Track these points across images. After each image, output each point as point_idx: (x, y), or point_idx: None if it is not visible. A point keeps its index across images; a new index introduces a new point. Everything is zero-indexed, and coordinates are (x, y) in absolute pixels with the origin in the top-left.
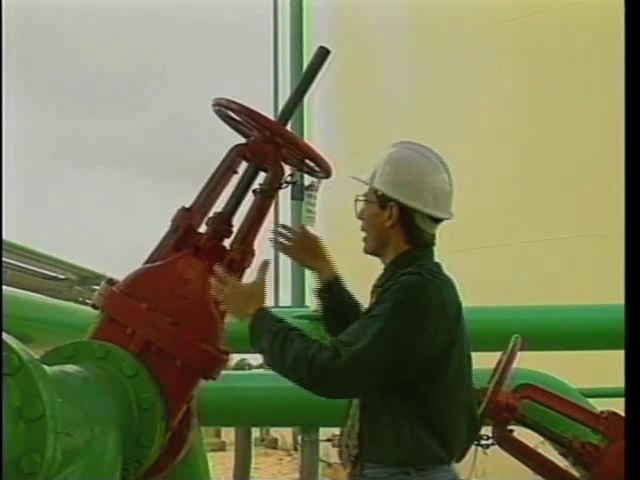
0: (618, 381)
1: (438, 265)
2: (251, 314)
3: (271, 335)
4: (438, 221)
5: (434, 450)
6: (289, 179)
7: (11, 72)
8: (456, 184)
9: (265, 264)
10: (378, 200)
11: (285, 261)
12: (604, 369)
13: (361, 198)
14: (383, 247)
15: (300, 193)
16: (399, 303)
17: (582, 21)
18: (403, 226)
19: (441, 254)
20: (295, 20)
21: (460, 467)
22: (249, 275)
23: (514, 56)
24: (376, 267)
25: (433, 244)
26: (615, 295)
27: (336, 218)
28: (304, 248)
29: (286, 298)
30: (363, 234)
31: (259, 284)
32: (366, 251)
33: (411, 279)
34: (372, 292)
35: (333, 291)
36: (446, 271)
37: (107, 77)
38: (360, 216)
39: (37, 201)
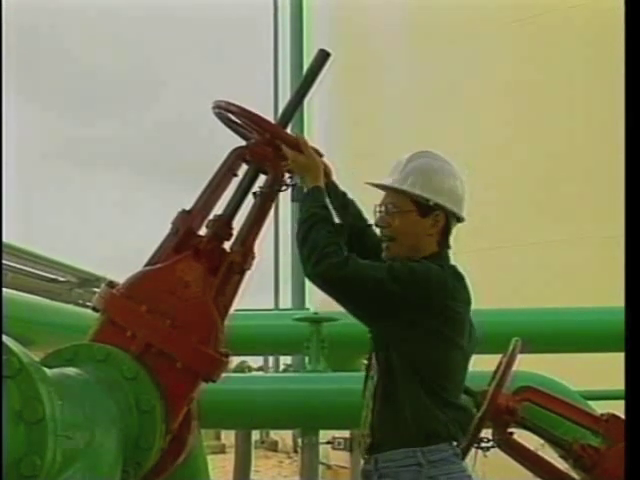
0: (618, 383)
1: (455, 267)
2: (308, 186)
3: (307, 214)
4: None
5: (448, 428)
6: (289, 181)
7: (12, 72)
8: None
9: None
10: (418, 208)
11: (285, 264)
12: (604, 371)
13: (390, 207)
14: (415, 252)
15: (300, 195)
16: (415, 269)
17: (582, 23)
18: (443, 232)
19: None
20: (295, 22)
21: None
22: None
23: (515, 58)
24: None
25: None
26: (616, 297)
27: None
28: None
29: (286, 300)
30: (386, 240)
31: (309, 157)
32: (389, 257)
33: (432, 263)
34: None
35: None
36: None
37: (108, 78)
38: (382, 223)
39: (37, 202)
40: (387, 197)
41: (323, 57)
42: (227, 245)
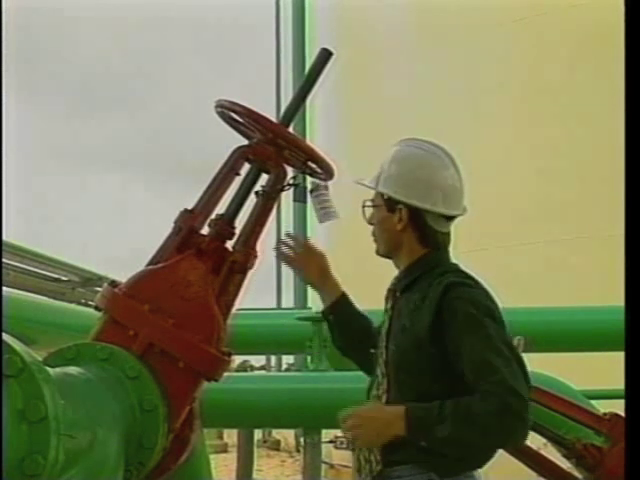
0: (621, 383)
1: (457, 266)
2: (396, 429)
3: (441, 426)
4: (451, 219)
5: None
6: (292, 181)
7: (12, 72)
8: None
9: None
10: (386, 203)
11: None
12: (607, 371)
13: (368, 203)
14: (396, 250)
15: (303, 195)
16: (481, 315)
17: (585, 22)
18: (415, 228)
19: None
20: (297, 22)
21: None
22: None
23: (516, 57)
24: (378, 269)
25: (449, 243)
26: (618, 297)
27: (337, 220)
28: (308, 262)
29: (288, 300)
30: (373, 238)
31: (373, 409)
32: (378, 253)
33: (472, 292)
34: (389, 297)
35: (340, 311)
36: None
37: (108, 77)
38: (370, 221)
39: (38, 202)
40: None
41: (325, 56)
42: (229, 244)
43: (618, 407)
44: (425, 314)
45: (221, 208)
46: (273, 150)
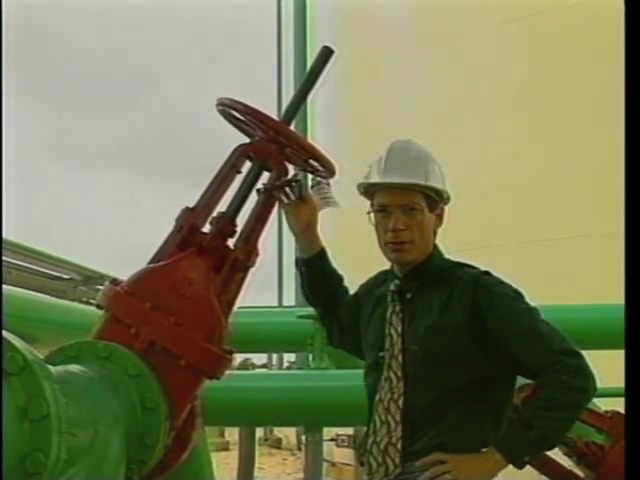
0: (622, 381)
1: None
2: (494, 465)
3: (531, 440)
4: None
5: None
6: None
7: (11, 72)
8: (459, 184)
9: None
10: (428, 203)
11: (289, 261)
12: (608, 369)
13: (415, 206)
14: (424, 254)
15: (301, 193)
16: (516, 295)
17: (586, 22)
18: (440, 224)
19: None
20: (299, 20)
21: None
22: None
23: (518, 56)
24: (375, 268)
25: None
26: (619, 295)
27: (338, 218)
28: (300, 211)
29: (290, 298)
30: (404, 246)
31: (457, 460)
32: (405, 262)
33: (498, 279)
34: (394, 299)
35: (315, 266)
36: None
37: (109, 76)
38: (403, 226)
39: (39, 202)
40: (401, 196)
41: (326, 54)
42: (231, 242)
43: (619, 405)
44: (457, 310)
45: (222, 206)
46: (274, 148)
